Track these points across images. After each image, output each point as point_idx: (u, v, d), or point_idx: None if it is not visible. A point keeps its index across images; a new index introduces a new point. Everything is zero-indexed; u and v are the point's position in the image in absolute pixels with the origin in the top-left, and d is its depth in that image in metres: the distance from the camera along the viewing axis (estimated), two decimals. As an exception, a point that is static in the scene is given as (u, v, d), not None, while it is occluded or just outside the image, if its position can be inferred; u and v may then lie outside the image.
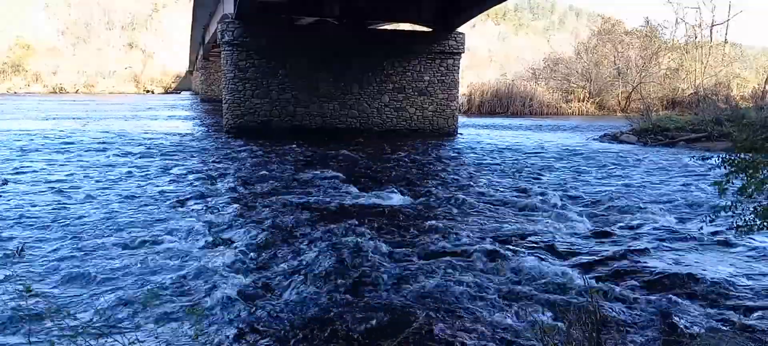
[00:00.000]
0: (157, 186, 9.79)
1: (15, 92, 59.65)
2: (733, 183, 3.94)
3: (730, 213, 3.98)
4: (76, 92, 63.99)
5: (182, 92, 69.16)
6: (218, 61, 34.28)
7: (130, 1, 76.65)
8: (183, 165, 12.34)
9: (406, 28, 21.37)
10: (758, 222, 3.74)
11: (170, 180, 10.48)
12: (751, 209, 3.82)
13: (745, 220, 3.82)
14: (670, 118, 20.84)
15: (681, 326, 4.09)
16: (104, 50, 72.13)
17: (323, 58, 18.72)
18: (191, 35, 50.64)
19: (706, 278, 5.13)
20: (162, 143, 16.35)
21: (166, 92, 69.74)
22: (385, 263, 5.62)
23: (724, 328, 4.03)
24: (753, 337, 3.76)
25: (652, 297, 4.75)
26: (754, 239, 6.48)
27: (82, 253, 5.87)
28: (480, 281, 5.14)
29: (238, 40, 18.01)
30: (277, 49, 18.33)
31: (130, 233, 6.69)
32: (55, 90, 64.05)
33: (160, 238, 6.44)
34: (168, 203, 8.47)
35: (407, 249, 6.15)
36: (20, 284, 4.79)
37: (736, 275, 5.29)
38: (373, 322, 4.30)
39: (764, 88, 30.81)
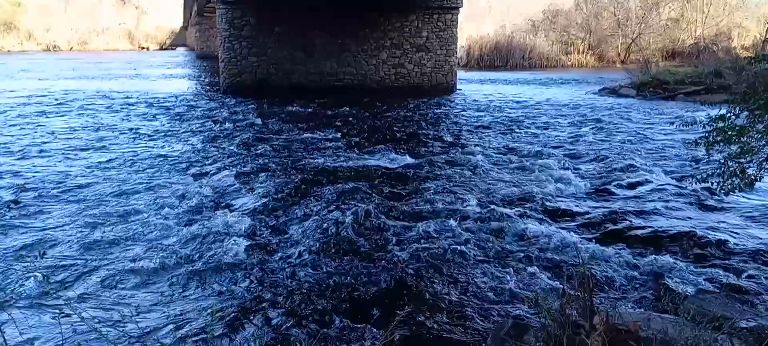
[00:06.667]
0: (156, 149, 9.82)
1: (8, 51, 58.86)
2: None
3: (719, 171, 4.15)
4: (71, 49, 63.21)
5: (177, 48, 68.36)
6: (213, 17, 33.64)
7: (121, -44, 74.95)
8: (181, 127, 12.34)
9: (403, -18, 21.00)
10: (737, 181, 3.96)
11: (169, 142, 10.50)
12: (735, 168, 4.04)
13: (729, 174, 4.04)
14: (669, 70, 20.72)
15: (672, 287, 4.21)
16: (97, 7, 70.86)
17: (320, 14, 18.45)
18: (185, -10, 49.77)
19: (700, 239, 5.25)
20: (159, 104, 16.29)
21: (161, 49, 68.95)
22: (385, 226, 5.72)
23: (714, 289, 4.15)
24: (741, 298, 3.88)
25: (647, 258, 4.87)
26: (749, 199, 6.58)
27: (86, 219, 5.94)
28: (479, 243, 5.26)
29: (232, -4, 17.74)
30: (273, 6, 18.06)
31: (132, 198, 6.76)
32: (49, 48, 63.25)
33: (160, 203, 6.50)
34: (168, 166, 8.53)
35: (406, 211, 6.25)
36: (34, 252, 4.92)
37: (729, 236, 5.40)
38: (375, 286, 4.42)
39: (766, 36, 30.47)
